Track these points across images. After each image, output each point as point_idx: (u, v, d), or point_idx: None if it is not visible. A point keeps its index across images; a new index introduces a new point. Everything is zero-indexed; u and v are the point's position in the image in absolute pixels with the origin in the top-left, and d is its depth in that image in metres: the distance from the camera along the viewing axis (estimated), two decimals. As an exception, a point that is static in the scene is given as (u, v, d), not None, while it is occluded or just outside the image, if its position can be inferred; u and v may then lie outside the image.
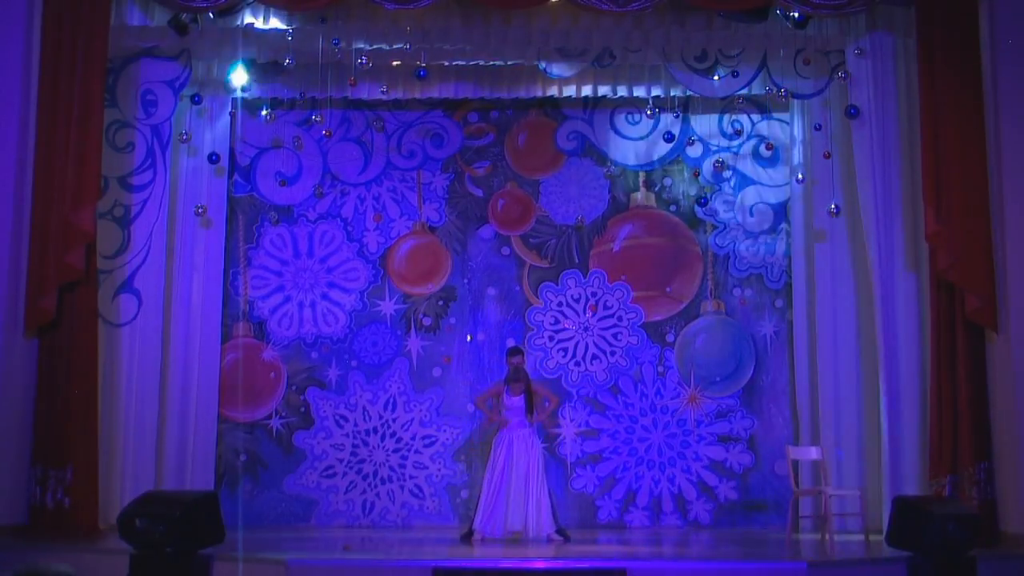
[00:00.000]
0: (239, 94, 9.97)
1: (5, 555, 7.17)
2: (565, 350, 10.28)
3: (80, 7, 8.59)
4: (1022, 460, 8.13)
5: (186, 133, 9.67)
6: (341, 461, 10.10)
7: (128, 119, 9.42)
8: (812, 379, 9.78)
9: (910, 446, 8.92)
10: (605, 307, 10.33)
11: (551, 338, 10.30)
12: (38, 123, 8.49)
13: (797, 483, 9.33)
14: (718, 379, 10.17)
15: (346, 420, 10.18)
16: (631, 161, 10.50)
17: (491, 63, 9.75)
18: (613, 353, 10.25)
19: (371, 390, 10.22)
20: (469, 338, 10.31)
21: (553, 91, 10.03)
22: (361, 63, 9.04)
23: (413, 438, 10.15)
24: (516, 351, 9.18)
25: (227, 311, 10.19)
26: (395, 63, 9.49)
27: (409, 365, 10.25)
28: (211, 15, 9.01)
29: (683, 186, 10.47)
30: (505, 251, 10.43)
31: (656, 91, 9.91)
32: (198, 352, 9.81)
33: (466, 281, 10.40)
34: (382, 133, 10.51)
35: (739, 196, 10.40)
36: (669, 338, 10.24)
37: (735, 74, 9.70)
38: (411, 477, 10.08)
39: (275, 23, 9.30)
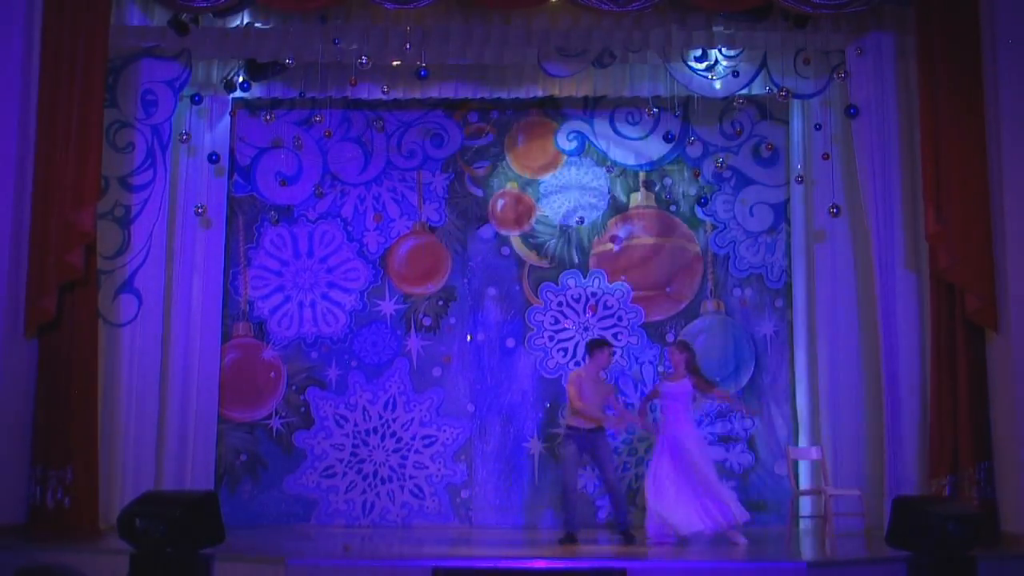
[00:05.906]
0: (239, 93, 9.97)
1: (5, 555, 7.17)
2: (565, 350, 10.27)
3: (80, 7, 8.57)
4: (1022, 460, 8.13)
5: (186, 133, 9.66)
6: (341, 461, 10.10)
7: (128, 119, 9.42)
8: (812, 379, 9.79)
9: (910, 446, 8.91)
10: (605, 307, 10.33)
11: (551, 338, 10.29)
12: (38, 123, 8.48)
13: (797, 483, 9.33)
14: (718, 379, 10.14)
15: (346, 420, 10.17)
16: (631, 161, 10.50)
17: (491, 63, 9.75)
18: (613, 353, 10.22)
19: (371, 390, 10.21)
20: (469, 338, 10.30)
21: (553, 91, 10.03)
22: (361, 63, 9.03)
23: (413, 438, 10.15)
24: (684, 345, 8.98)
25: (227, 311, 10.19)
26: (395, 63, 9.48)
27: (409, 365, 10.25)
28: (211, 15, 9.01)
29: (683, 186, 10.47)
30: (505, 251, 10.43)
31: (656, 91, 9.92)
32: (198, 352, 9.80)
33: (466, 281, 10.39)
34: (382, 133, 10.50)
35: (739, 196, 10.41)
36: (669, 338, 10.22)
37: (735, 74, 9.70)
38: (411, 477, 10.08)
39: (275, 23, 9.30)
